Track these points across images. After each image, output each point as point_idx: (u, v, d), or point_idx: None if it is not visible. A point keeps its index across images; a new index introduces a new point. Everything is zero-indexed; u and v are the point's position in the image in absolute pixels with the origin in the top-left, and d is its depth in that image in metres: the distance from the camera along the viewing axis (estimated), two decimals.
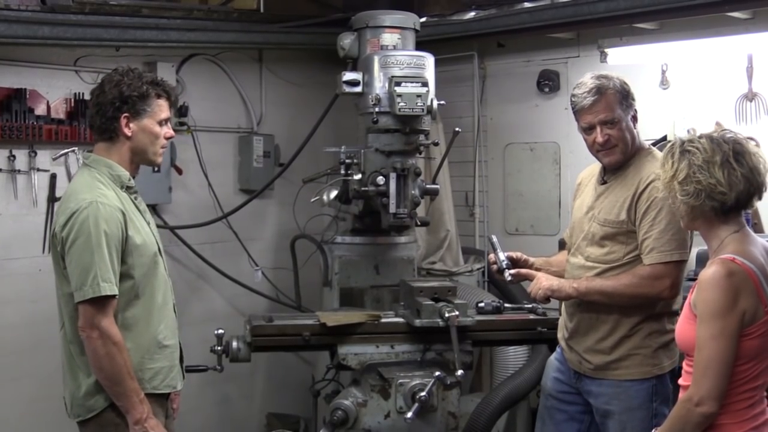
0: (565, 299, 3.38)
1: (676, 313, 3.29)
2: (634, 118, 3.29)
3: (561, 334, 3.50)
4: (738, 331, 2.45)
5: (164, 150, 3.14)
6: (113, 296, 2.87)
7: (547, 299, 3.40)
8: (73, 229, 2.86)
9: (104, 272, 2.84)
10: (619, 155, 3.26)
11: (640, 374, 3.26)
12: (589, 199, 3.41)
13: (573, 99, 3.30)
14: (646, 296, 3.20)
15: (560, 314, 3.53)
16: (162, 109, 3.07)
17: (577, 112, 3.28)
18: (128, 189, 3.04)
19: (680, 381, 2.64)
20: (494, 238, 3.65)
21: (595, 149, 3.28)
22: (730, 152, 2.54)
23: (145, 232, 3.02)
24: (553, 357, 3.59)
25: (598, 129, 3.22)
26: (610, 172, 3.34)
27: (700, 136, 2.60)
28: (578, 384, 3.41)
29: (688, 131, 2.60)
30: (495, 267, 3.57)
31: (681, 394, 2.60)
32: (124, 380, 2.87)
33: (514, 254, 3.61)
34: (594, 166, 3.53)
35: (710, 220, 2.58)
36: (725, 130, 2.64)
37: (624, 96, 3.24)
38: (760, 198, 2.62)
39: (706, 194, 2.52)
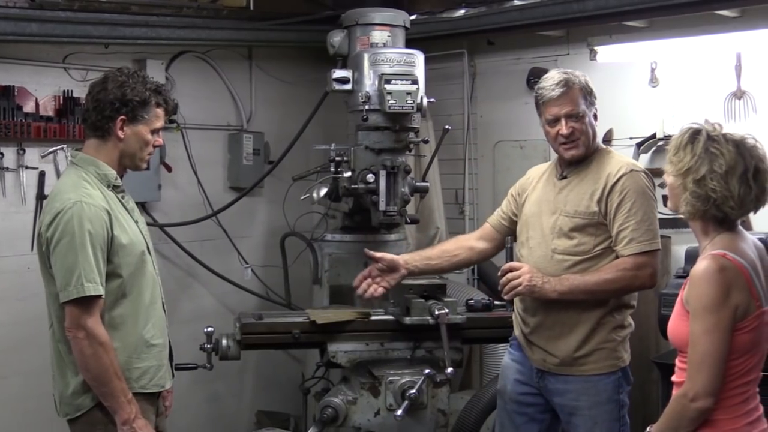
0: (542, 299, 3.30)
1: (633, 308, 3.34)
2: (595, 117, 3.33)
3: (519, 330, 3.46)
4: (731, 325, 2.46)
5: (150, 157, 3.14)
6: (98, 296, 2.85)
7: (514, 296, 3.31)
8: (57, 229, 2.85)
9: (88, 272, 2.82)
10: (581, 149, 3.29)
11: (607, 368, 3.27)
12: (546, 195, 3.39)
13: (539, 91, 3.32)
14: (630, 288, 3.23)
15: (513, 309, 3.50)
16: (158, 118, 3.07)
17: (543, 104, 3.31)
18: (115, 188, 3.03)
19: (673, 378, 2.64)
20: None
21: (559, 142, 3.30)
22: (752, 168, 2.51)
23: (132, 231, 3.01)
24: (508, 359, 3.53)
25: (563, 121, 3.25)
26: (569, 168, 3.35)
27: (726, 139, 2.54)
28: (541, 383, 3.37)
29: (714, 125, 2.52)
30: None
31: (674, 391, 2.60)
32: (111, 380, 2.86)
33: (379, 255, 3.64)
34: (543, 165, 3.56)
35: (707, 221, 2.58)
36: (749, 135, 2.59)
37: (588, 93, 3.30)
38: (755, 213, 2.62)
39: (715, 203, 2.50)
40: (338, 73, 4.18)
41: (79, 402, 2.94)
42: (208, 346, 3.66)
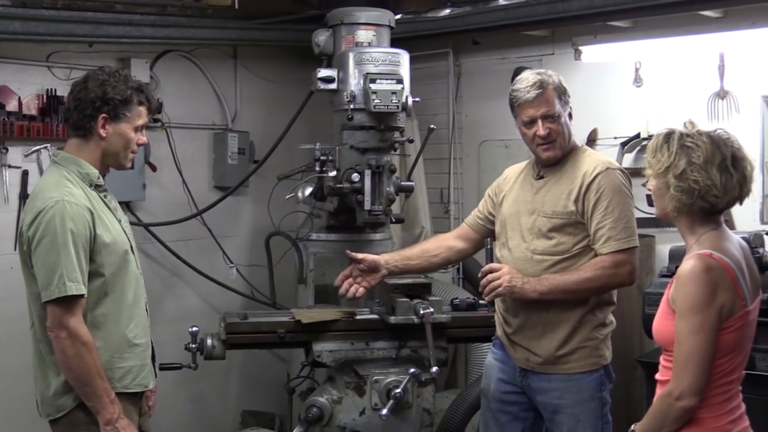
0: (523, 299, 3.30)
1: (614, 304, 3.35)
2: (570, 116, 3.34)
3: (501, 330, 3.46)
4: (717, 325, 2.47)
5: (134, 155, 3.13)
6: (80, 296, 2.84)
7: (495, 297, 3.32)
8: (39, 228, 2.83)
9: (70, 272, 2.81)
10: (557, 149, 3.30)
11: (590, 366, 3.27)
12: (524, 195, 3.40)
13: (514, 93, 3.31)
14: (609, 285, 3.24)
15: (495, 310, 3.51)
16: (141, 116, 3.05)
17: (519, 106, 3.30)
18: (97, 187, 3.01)
19: (657, 376, 2.65)
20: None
21: (536, 143, 3.30)
22: (729, 156, 2.53)
23: (115, 230, 3.00)
24: (491, 359, 3.54)
25: (540, 123, 3.26)
26: (546, 167, 3.36)
27: (700, 132, 2.58)
28: (524, 382, 3.38)
29: (685, 124, 2.54)
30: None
31: (658, 389, 2.61)
32: (94, 380, 2.85)
33: (360, 256, 3.64)
34: (519, 165, 3.55)
35: (693, 218, 2.59)
36: (720, 129, 2.63)
37: (562, 92, 3.30)
38: (741, 203, 2.64)
39: (699, 195, 2.52)
40: (323, 73, 4.19)
41: (60, 402, 2.92)
42: (193, 345, 3.65)
